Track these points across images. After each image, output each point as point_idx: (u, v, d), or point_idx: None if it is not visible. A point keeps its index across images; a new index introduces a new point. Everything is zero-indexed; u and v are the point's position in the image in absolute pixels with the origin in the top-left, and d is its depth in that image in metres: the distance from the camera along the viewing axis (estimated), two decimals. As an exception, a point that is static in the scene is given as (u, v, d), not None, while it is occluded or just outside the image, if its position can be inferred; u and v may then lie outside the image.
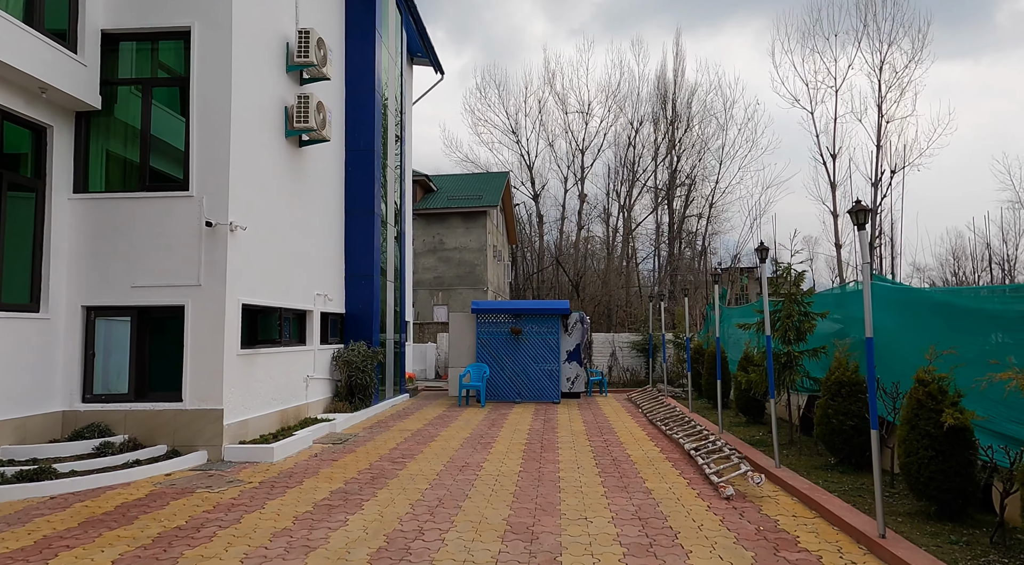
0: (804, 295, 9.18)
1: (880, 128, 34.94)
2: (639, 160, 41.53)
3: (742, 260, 42.37)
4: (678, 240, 41.74)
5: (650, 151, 41.40)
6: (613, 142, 42.31)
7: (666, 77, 41.66)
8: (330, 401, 12.20)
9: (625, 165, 41.65)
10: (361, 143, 13.49)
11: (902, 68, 33.88)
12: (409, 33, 17.63)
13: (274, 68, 10.14)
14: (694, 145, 41.04)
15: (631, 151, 41.40)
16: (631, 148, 41.44)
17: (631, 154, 41.40)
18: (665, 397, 15.03)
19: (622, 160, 41.67)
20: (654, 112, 41.47)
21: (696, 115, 41.01)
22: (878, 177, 35.46)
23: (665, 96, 41.48)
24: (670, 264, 41.33)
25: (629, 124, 41.69)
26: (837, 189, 36.42)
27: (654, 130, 41.29)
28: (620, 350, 20.10)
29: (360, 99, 13.50)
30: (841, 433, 7.38)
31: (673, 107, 41.17)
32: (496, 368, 15.33)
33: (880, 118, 34.72)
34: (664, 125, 41.13)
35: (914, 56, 33.50)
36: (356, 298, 13.28)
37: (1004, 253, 42.05)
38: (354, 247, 13.34)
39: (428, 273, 33.28)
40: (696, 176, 41.10)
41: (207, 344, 8.37)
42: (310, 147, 11.47)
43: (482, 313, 15.54)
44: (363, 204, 13.42)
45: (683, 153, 41.08)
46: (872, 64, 34.34)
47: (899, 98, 34.42)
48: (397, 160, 15.83)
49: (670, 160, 41.23)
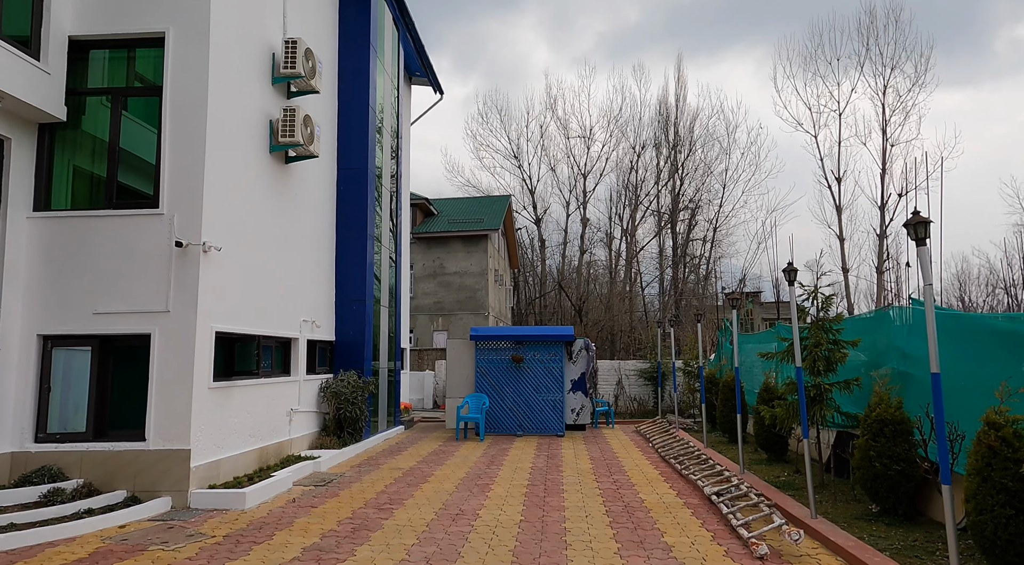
0: (833, 321, 8.37)
1: (885, 152, 34.56)
2: (641, 184, 41.14)
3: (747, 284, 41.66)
4: (682, 264, 41.07)
5: (652, 175, 41.04)
6: (615, 166, 41.95)
7: (668, 101, 41.50)
8: (317, 436, 11.32)
9: (627, 189, 41.25)
10: (354, 161, 12.82)
11: (905, 92, 33.62)
12: (407, 51, 17.12)
13: (258, 79, 9.50)
14: (697, 169, 40.66)
15: (633, 175, 41.07)
16: (633, 172, 41.09)
17: (633, 178, 41.06)
18: (676, 430, 14.12)
19: (624, 184, 41.29)
20: (656, 136, 41.22)
21: (698, 139, 40.71)
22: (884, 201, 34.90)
23: (667, 120, 41.23)
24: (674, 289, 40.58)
25: (631, 148, 41.42)
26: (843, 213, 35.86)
27: (656, 154, 41.00)
28: (627, 378, 19.21)
29: (353, 115, 12.87)
30: (885, 479, 6.50)
31: (675, 131, 40.89)
32: (496, 399, 14.46)
33: (885, 142, 34.37)
34: (666, 149, 40.83)
35: (917, 80, 33.24)
36: (347, 324, 12.48)
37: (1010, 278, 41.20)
38: (346, 270, 12.59)
39: (428, 298, 32.53)
40: (700, 200, 40.60)
41: (175, 376, 7.56)
42: (298, 164, 10.79)
43: (481, 340, 14.71)
44: (356, 225, 12.70)
45: (686, 177, 40.68)
46: (875, 88, 34.09)
47: (903, 122, 34.12)
48: (393, 180, 15.17)
49: (673, 184, 40.79)
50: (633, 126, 42.32)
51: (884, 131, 34.43)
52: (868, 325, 8.79)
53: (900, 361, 7.68)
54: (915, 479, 6.48)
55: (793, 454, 10.68)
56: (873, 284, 35.98)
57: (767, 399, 10.28)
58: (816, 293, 8.49)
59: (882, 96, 34.26)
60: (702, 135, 40.70)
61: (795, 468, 9.50)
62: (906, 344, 7.55)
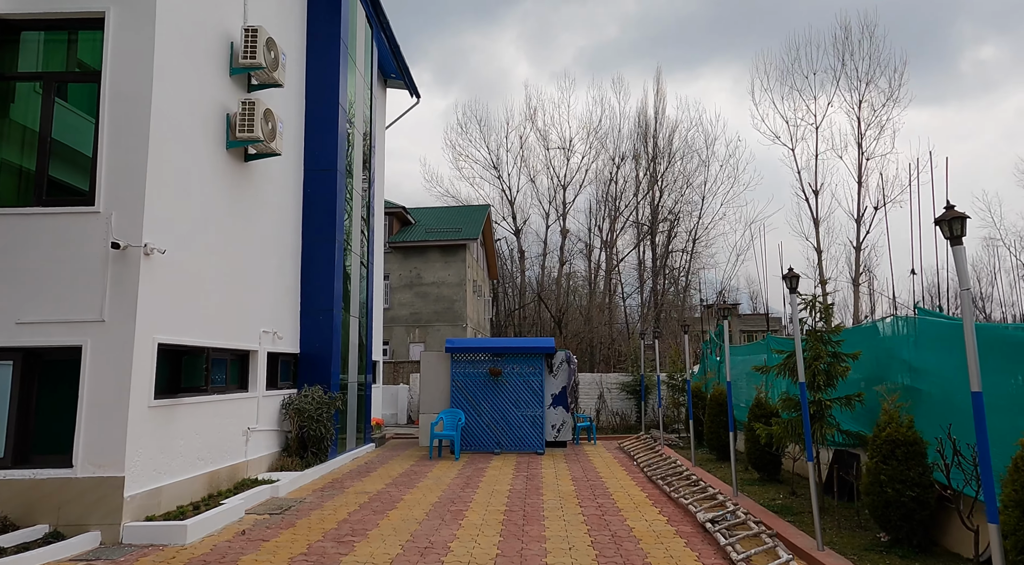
0: (832, 332, 7.81)
1: (861, 165, 34.82)
2: (621, 196, 40.97)
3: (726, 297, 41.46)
4: (662, 276, 40.83)
5: (632, 186, 40.88)
6: (595, 178, 41.72)
7: (647, 113, 41.52)
8: (278, 457, 10.47)
9: (607, 201, 41.03)
10: (323, 162, 12.08)
11: (880, 106, 33.96)
12: (381, 51, 16.46)
13: (214, 69, 8.76)
14: (676, 181, 40.61)
15: (613, 187, 40.88)
16: (613, 184, 40.91)
17: (613, 190, 40.88)
18: (661, 446, 13.49)
19: (604, 196, 41.05)
20: (635, 148, 41.15)
21: (677, 151, 40.70)
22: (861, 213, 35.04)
23: (646, 132, 41.21)
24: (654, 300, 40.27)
25: (611, 160, 41.27)
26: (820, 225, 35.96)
27: (635, 166, 40.91)
28: (609, 392, 18.57)
29: (322, 114, 12.15)
30: (898, 506, 5.90)
31: (654, 143, 40.83)
32: (473, 414, 13.71)
33: (861, 155, 34.65)
34: (645, 161, 40.74)
35: (891, 95, 33.67)
36: (313, 336, 11.67)
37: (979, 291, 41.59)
38: (312, 278, 11.79)
39: (405, 309, 31.70)
40: (679, 211, 40.49)
41: (109, 394, 6.72)
42: (259, 162, 10.03)
43: (457, 352, 13.98)
44: (323, 230, 11.94)
45: (665, 188, 40.60)
46: (851, 102, 34.46)
47: (879, 136, 34.48)
48: (365, 184, 14.43)
49: (652, 196, 40.66)
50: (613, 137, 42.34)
51: (860, 145, 34.72)
52: (866, 337, 8.24)
53: (907, 375, 7.13)
54: (930, 506, 5.90)
55: (787, 474, 10.09)
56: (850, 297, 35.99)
57: (759, 415, 9.70)
58: (815, 302, 7.93)
59: (857, 110, 34.58)
60: (681, 147, 40.73)
61: (791, 489, 8.90)
62: (914, 357, 7.00)
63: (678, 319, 37.82)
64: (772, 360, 10.96)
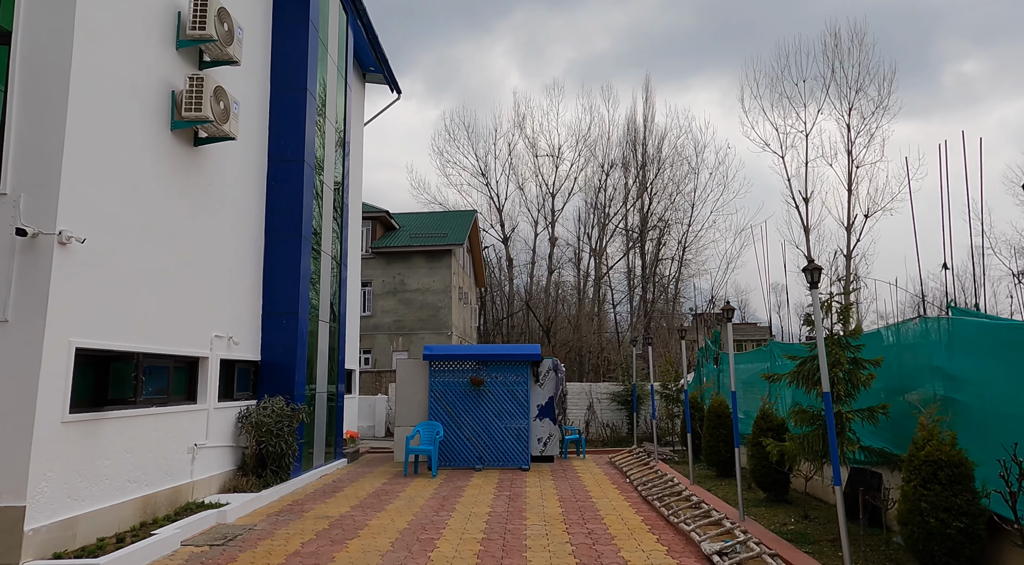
0: (851, 336, 6.92)
1: (851, 173, 34.47)
2: (610, 203, 40.33)
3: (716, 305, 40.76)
4: (651, 284, 40.12)
5: (621, 194, 40.30)
6: (584, 186, 40.99)
7: (636, 121, 41.07)
8: (231, 476, 9.41)
9: (596, 209, 40.37)
10: (289, 152, 11.10)
11: (869, 114, 33.67)
12: (358, 42, 15.55)
13: (157, 40, 7.79)
14: (665, 188, 40.05)
15: (602, 194, 40.26)
16: (602, 192, 40.30)
17: (602, 198, 40.27)
18: (655, 461, 12.53)
19: (593, 204, 40.41)
20: (624, 156, 40.57)
21: (667, 159, 40.18)
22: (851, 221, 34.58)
23: (635, 140, 40.71)
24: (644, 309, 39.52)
25: (600, 168, 40.66)
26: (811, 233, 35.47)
27: (624, 174, 40.34)
28: (598, 402, 17.62)
29: (289, 100, 11.18)
30: (943, 538, 4.99)
31: (643, 151, 40.29)
32: (453, 427, 12.70)
33: (851, 163, 34.32)
34: (635, 168, 40.20)
35: (880, 102, 33.37)
36: (276, 341, 10.64)
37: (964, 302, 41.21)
38: (275, 278, 10.78)
39: (388, 316, 30.67)
40: (669, 219, 39.89)
41: (9, 408, 5.68)
42: (214, 149, 9.05)
43: (436, 360, 12.98)
44: (289, 226, 10.94)
45: (654, 196, 40.00)
46: (840, 110, 34.06)
47: (868, 144, 34.22)
48: (338, 179, 13.46)
49: (641, 203, 40.06)
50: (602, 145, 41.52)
51: (850, 153, 34.39)
52: (886, 341, 7.36)
53: (939, 384, 6.24)
54: (982, 539, 4.98)
55: (796, 494, 9.17)
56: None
57: (765, 428, 8.79)
58: (831, 302, 7.04)
59: (847, 118, 34.23)
60: (670, 155, 40.20)
61: (802, 512, 7.97)
62: (948, 363, 6.12)
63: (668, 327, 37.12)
64: (778, 367, 10.08)
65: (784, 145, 35.79)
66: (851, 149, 34.23)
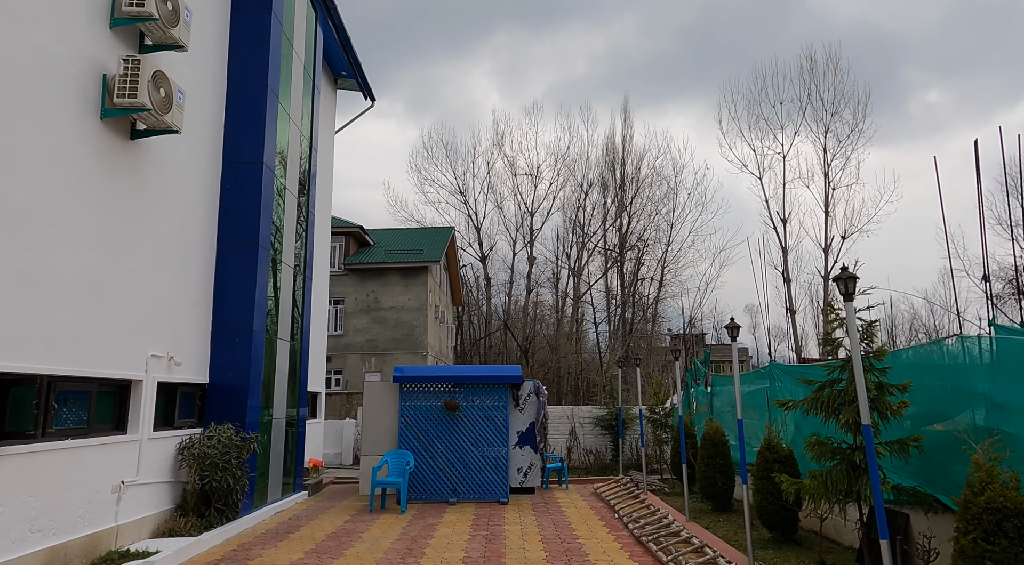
0: (875, 357, 6.10)
1: (827, 195, 34.59)
2: (589, 223, 39.89)
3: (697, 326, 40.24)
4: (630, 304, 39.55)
5: (600, 213, 39.89)
6: (563, 205, 40.45)
7: (615, 141, 40.81)
8: (169, 517, 8.23)
9: (575, 228, 39.89)
10: (246, 153, 10.10)
11: (845, 137, 33.92)
12: (328, 41, 14.67)
13: (86, 16, 6.80)
14: (644, 208, 39.74)
15: (581, 214, 39.82)
16: (581, 211, 39.85)
17: (581, 217, 39.82)
18: (644, 493, 11.57)
19: (572, 223, 39.90)
20: (603, 176, 40.26)
21: (645, 179, 39.97)
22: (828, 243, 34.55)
23: (614, 160, 40.46)
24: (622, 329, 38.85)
25: (579, 187, 40.23)
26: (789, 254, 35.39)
27: (603, 193, 40.05)
28: (581, 427, 16.64)
29: (247, 97, 10.21)
30: (1015, 605, 4.11)
31: (622, 171, 40.01)
32: (425, 456, 11.62)
33: (827, 185, 34.50)
34: (613, 188, 39.92)
35: (856, 126, 33.64)
36: (226, 361, 9.53)
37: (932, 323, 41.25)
38: (228, 291, 9.71)
39: (360, 335, 29.48)
40: (648, 239, 39.51)
41: None
42: (158, 146, 8.03)
43: (408, 382, 11.93)
44: (244, 233, 9.90)
45: (633, 215, 39.65)
46: (817, 132, 34.27)
47: (844, 166, 34.48)
48: (303, 185, 12.46)
49: (620, 223, 39.65)
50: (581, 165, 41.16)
51: (826, 175, 34.56)
52: (915, 363, 6.56)
53: (982, 413, 5.43)
54: (1063, 608, 4.12)
55: (805, 533, 8.27)
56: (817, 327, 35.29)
57: (771, 460, 7.91)
58: (853, 318, 6.21)
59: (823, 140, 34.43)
60: (649, 175, 40.00)
61: (818, 557, 7.05)
62: (993, 389, 5.31)
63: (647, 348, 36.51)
64: (778, 391, 9.25)
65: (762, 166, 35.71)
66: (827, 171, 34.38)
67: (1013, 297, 25.93)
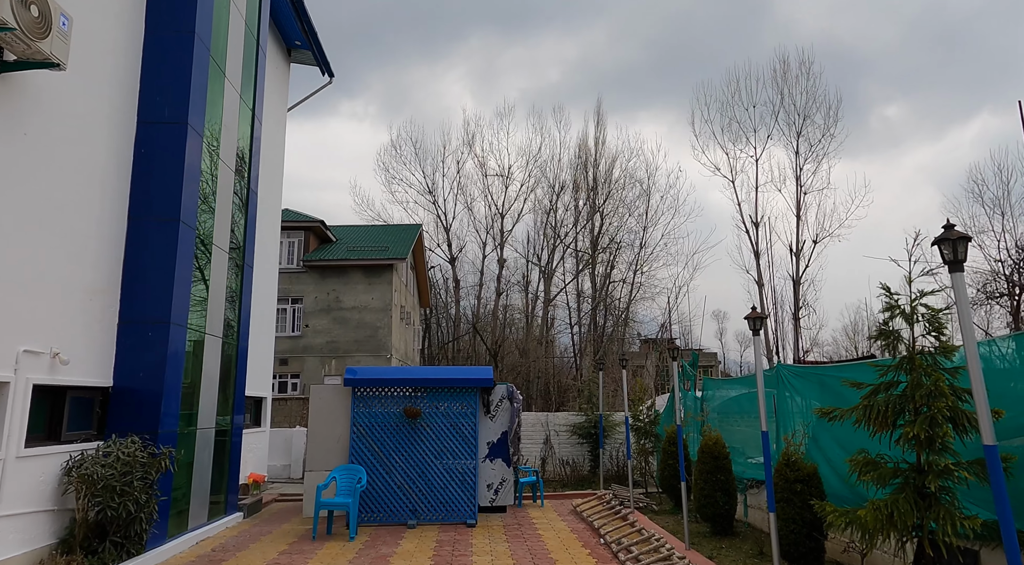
0: (946, 353, 4.81)
1: (799, 198, 34.20)
2: (561, 224, 38.76)
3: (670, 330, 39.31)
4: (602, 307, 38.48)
5: (571, 215, 38.85)
6: (534, 207, 39.22)
7: (587, 143, 39.94)
8: (48, 555, 6.54)
9: (546, 230, 38.69)
10: (167, 111, 8.46)
11: (816, 141, 33.50)
12: (280, 7, 13.09)
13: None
14: (616, 210, 38.75)
15: (552, 216, 38.74)
16: (552, 213, 38.75)
17: (552, 219, 38.75)
18: (631, 511, 10.19)
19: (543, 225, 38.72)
20: (575, 177, 39.16)
21: (618, 181, 39.03)
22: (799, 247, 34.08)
23: (587, 161, 39.51)
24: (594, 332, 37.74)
25: (550, 188, 39.07)
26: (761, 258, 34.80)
27: (575, 195, 38.97)
28: (556, 435, 15.25)
29: (170, 44, 8.59)
30: None
31: (595, 172, 39.05)
32: (380, 471, 10.06)
33: (799, 189, 34.08)
34: (585, 190, 38.90)
35: (827, 130, 33.31)
36: (136, 360, 7.87)
37: None
38: (140, 275, 8.05)
39: (320, 337, 27.69)
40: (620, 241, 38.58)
41: None
42: (33, 85, 6.39)
43: (362, 385, 10.37)
44: (163, 207, 8.26)
45: (606, 217, 38.68)
46: (789, 136, 33.80)
47: (816, 170, 34.20)
48: (244, 161, 10.83)
49: (592, 225, 38.59)
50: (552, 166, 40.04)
51: (798, 179, 34.12)
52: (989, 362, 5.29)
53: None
54: None
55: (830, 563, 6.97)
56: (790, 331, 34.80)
57: (793, 479, 6.59)
58: (915, 308, 4.91)
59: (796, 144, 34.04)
60: (621, 177, 39.09)
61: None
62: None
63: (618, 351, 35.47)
64: (786, 397, 7.97)
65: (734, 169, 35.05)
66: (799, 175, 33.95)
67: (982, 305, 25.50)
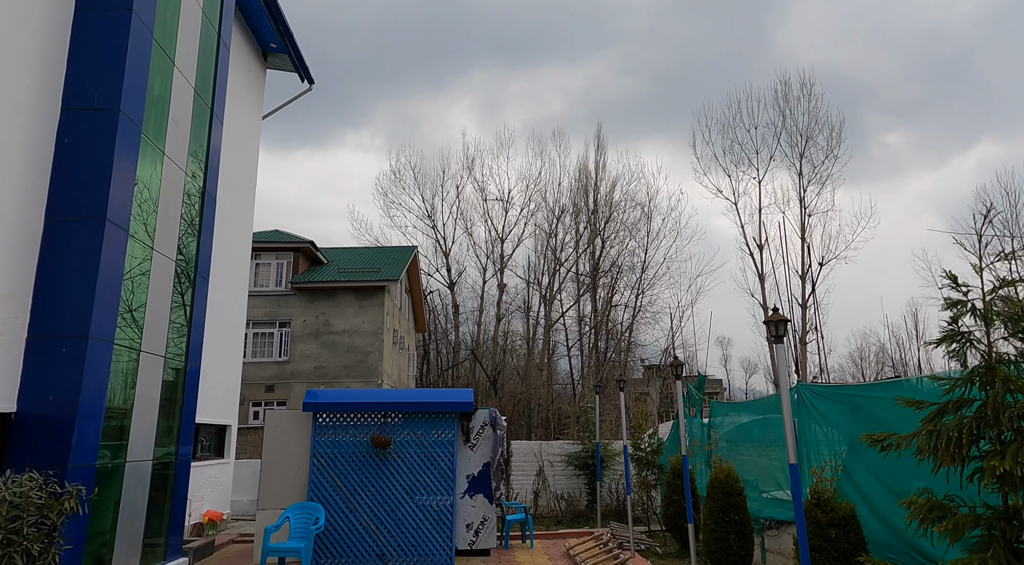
0: (1034, 360, 3.63)
1: (804, 221, 33.38)
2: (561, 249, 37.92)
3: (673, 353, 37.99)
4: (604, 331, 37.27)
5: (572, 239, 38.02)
6: (534, 231, 38.43)
7: (588, 167, 39.33)
8: (-95, 619, 5.31)
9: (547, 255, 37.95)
10: (96, 97, 7.45)
11: (820, 163, 32.74)
12: (253, 9, 12.25)
13: None
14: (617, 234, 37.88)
15: (553, 240, 37.91)
16: (553, 237, 37.92)
17: (553, 243, 37.89)
18: (630, 555, 8.88)
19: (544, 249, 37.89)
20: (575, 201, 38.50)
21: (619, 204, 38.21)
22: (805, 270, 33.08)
23: (587, 185, 38.83)
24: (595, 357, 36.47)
25: (551, 212, 38.31)
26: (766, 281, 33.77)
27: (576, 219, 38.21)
28: (551, 466, 13.94)
29: (101, 22, 7.62)
30: None
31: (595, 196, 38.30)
32: (343, 509, 8.80)
33: (803, 211, 33.28)
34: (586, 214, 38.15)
35: (831, 152, 32.54)
36: (46, 381, 6.71)
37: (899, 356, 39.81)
38: (56, 282, 6.95)
39: (308, 362, 26.48)
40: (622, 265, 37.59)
41: None
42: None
43: (324, 410, 9.17)
44: (88, 205, 7.19)
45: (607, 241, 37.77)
46: (792, 157, 33.11)
47: (820, 192, 33.44)
48: (198, 159, 9.80)
49: (593, 249, 37.68)
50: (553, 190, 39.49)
51: (802, 200, 33.40)
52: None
53: None
54: None
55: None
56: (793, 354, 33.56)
57: (825, 524, 5.35)
58: (989, 304, 3.75)
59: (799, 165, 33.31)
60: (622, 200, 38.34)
61: None
62: None
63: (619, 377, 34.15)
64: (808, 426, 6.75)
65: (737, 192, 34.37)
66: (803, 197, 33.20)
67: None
